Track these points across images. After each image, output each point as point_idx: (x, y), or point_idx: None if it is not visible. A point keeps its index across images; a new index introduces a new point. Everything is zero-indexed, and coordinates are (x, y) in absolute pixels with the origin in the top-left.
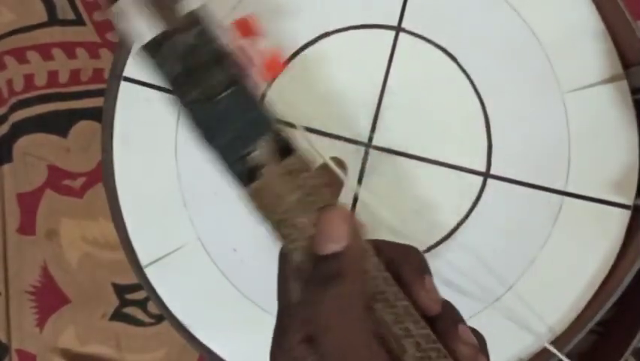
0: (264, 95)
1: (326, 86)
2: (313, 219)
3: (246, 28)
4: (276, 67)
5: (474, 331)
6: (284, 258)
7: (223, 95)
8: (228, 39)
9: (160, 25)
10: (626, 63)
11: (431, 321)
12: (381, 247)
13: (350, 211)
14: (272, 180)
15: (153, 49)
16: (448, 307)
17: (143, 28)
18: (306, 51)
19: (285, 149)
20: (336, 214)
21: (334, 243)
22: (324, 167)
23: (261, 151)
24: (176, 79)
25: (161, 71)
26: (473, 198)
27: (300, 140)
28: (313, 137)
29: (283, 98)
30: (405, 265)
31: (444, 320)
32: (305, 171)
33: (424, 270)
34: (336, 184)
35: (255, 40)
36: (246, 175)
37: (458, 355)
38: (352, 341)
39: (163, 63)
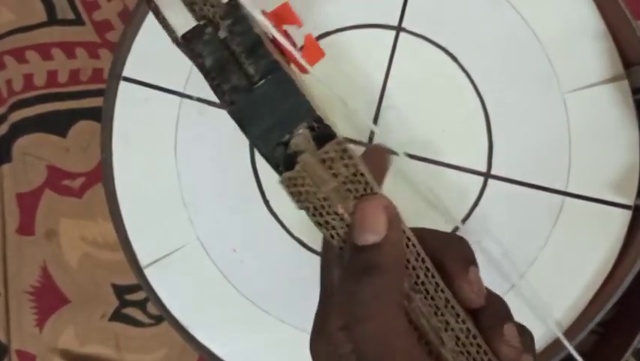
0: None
1: (326, 86)
2: (351, 208)
3: (282, 16)
4: (317, 53)
5: (521, 328)
6: (327, 242)
7: (261, 82)
8: (265, 27)
9: (197, 15)
10: (627, 63)
11: (476, 315)
12: (426, 236)
13: (390, 200)
14: (308, 167)
15: (191, 39)
16: (496, 302)
17: (180, 18)
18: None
19: (326, 136)
20: (375, 204)
21: (372, 233)
22: (369, 153)
23: (299, 138)
24: (214, 68)
25: (200, 60)
26: (474, 198)
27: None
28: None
29: None
30: (449, 255)
31: (489, 316)
32: (342, 158)
33: (469, 261)
34: (380, 171)
35: (292, 27)
36: (284, 162)
37: (501, 355)
38: (386, 332)
39: (201, 53)
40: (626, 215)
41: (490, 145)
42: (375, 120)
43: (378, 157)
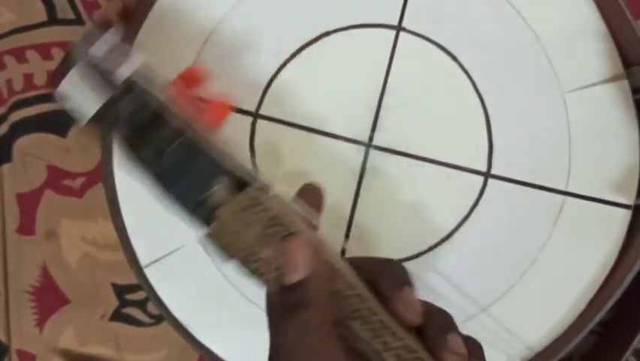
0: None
1: (326, 86)
2: (276, 251)
3: (191, 78)
4: (222, 113)
5: (468, 338)
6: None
7: (171, 147)
8: (170, 93)
9: (100, 96)
10: (627, 63)
11: (422, 330)
12: (361, 264)
13: (312, 237)
14: (227, 219)
15: (99, 120)
16: (439, 316)
17: (86, 103)
18: (307, 50)
19: (243, 185)
20: (297, 242)
21: (296, 271)
22: (302, 192)
23: (217, 193)
24: (127, 141)
25: (112, 136)
26: (474, 198)
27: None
28: (314, 136)
29: (283, 98)
30: (383, 278)
31: (431, 329)
32: (259, 204)
33: (403, 282)
34: (316, 206)
35: (202, 87)
36: (206, 219)
37: None
38: None
39: (110, 130)
40: (626, 215)
41: (490, 145)
42: (375, 120)
43: (311, 194)
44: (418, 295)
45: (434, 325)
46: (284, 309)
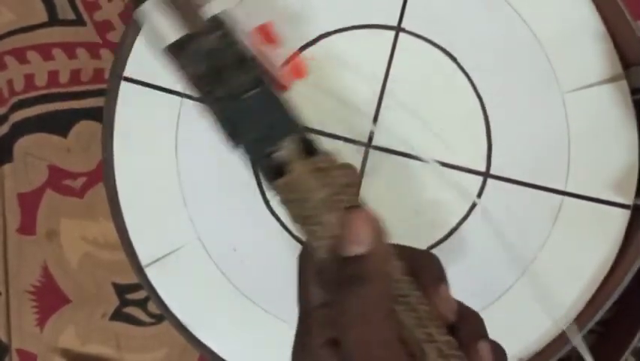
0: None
1: (326, 86)
2: (339, 219)
3: (266, 34)
4: (300, 71)
5: (495, 345)
6: (304, 261)
7: (248, 94)
8: (250, 43)
9: (184, 27)
10: (626, 63)
11: (451, 330)
12: (401, 252)
13: (376, 215)
14: (302, 175)
15: (177, 50)
16: (471, 319)
17: (167, 29)
18: (306, 51)
19: (310, 150)
20: (363, 216)
21: (359, 245)
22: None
23: (286, 150)
24: (200, 79)
25: (185, 71)
26: (473, 198)
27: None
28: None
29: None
30: (422, 271)
31: (465, 332)
32: (334, 169)
33: (441, 278)
34: (357, 186)
35: (275, 46)
36: (272, 171)
37: None
38: (375, 341)
39: (186, 64)
40: (625, 215)
41: (489, 145)
42: (375, 120)
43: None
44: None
45: (468, 328)
46: (343, 280)
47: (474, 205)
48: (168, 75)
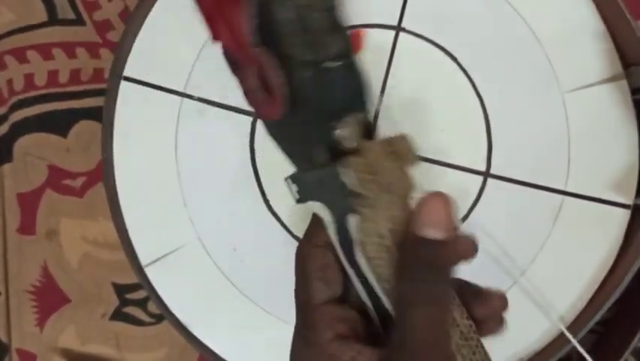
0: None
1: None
2: (404, 201)
3: None
4: (359, 44)
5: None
6: (303, 256)
7: (334, 64)
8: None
9: None
10: (626, 63)
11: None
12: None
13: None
14: (377, 154)
15: (271, 2)
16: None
17: None
18: None
19: (368, 132)
20: (443, 200)
21: (438, 229)
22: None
23: (349, 127)
24: (289, 36)
25: (279, 13)
26: (473, 198)
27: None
28: None
29: None
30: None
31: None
32: (410, 152)
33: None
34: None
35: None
36: (330, 145)
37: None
38: (443, 319)
39: (275, 17)
40: (625, 214)
41: (489, 144)
42: (375, 120)
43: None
44: None
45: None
46: (413, 261)
47: (474, 205)
48: (168, 75)
